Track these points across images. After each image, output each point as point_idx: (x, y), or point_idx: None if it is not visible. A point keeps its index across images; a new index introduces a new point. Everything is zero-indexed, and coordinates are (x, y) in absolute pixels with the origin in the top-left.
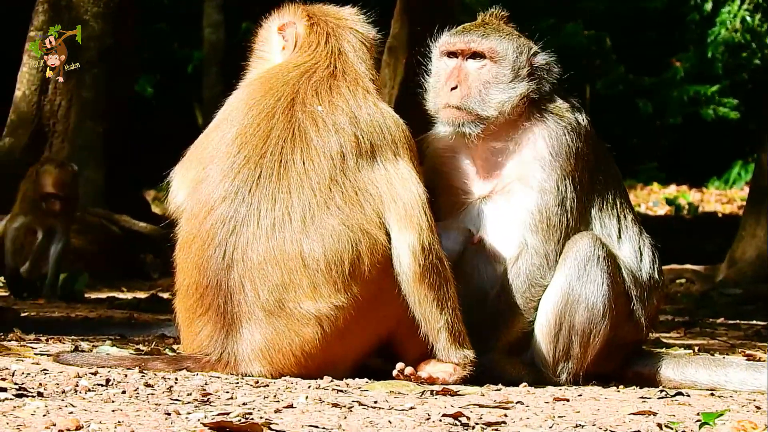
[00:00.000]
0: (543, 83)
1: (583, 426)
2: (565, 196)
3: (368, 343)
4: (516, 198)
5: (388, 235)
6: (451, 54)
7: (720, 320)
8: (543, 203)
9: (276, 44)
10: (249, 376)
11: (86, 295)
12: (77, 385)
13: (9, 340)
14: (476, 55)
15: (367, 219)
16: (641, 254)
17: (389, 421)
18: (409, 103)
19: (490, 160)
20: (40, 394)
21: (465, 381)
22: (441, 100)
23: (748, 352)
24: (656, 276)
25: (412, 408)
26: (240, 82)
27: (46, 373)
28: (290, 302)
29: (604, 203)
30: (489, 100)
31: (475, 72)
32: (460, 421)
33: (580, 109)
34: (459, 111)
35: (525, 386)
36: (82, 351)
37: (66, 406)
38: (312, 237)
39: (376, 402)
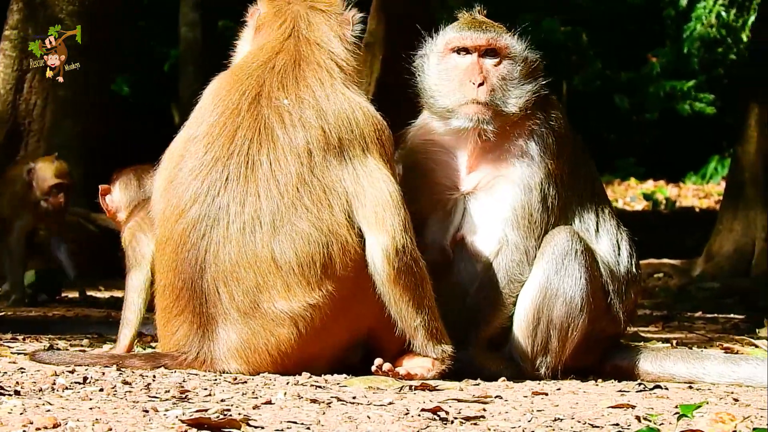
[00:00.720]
0: (540, 81)
1: (561, 420)
2: (548, 194)
3: (345, 340)
4: (500, 194)
5: (360, 235)
6: (463, 50)
7: (698, 314)
8: (527, 200)
9: (249, 29)
10: (227, 373)
11: (63, 294)
12: (54, 384)
13: None
14: (491, 51)
15: (336, 220)
16: (619, 248)
17: (368, 417)
18: (387, 99)
19: (479, 157)
20: (17, 393)
21: (444, 376)
22: (464, 96)
23: (725, 345)
24: (634, 270)
25: (390, 403)
26: (210, 65)
27: (23, 372)
28: (265, 303)
29: (582, 198)
30: (510, 97)
31: (493, 69)
32: (438, 415)
33: (560, 106)
34: (485, 107)
35: (504, 381)
36: (59, 349)
37: (43, 405)
38: (282, 240)
39: (354, 397)
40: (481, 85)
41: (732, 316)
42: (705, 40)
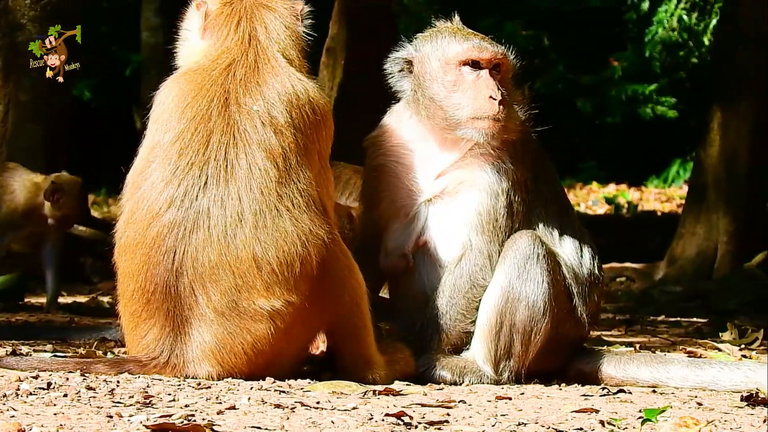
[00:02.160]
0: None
1: (525, 424)
2: (513, 199)
3: (311, 337)
4: (466, 199)
5: (330, 234)
6: (474, 63)
7: (661, 318)
8: (492, 204)
9: (195, 23)
10: (196, 377)
11: (27, 299)
12: (18, 389)
13: None
14: (496, 66)
15: (311, 218)
16: (581, 252)
17: (332, 422)
18: (348, 104)
19: (448, 162)
20: None
21: (408, 380)
22: (479, 110)
23: (689, 349)
24: (596, 273)
25: (354, 408)
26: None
27: None
28: (243, 302)
29: (545, 202)
30: (512, 113)
31: (499, 84)
32: (402, 420)
33: (524, 112)
34: (498, 123)
35: (467, 385)
36: (23, 355)
37: (7, 410)
38: (264, 241)
39: (318, 402)
40: (500, 102)
41: (695, 319)
42: (667, 43)
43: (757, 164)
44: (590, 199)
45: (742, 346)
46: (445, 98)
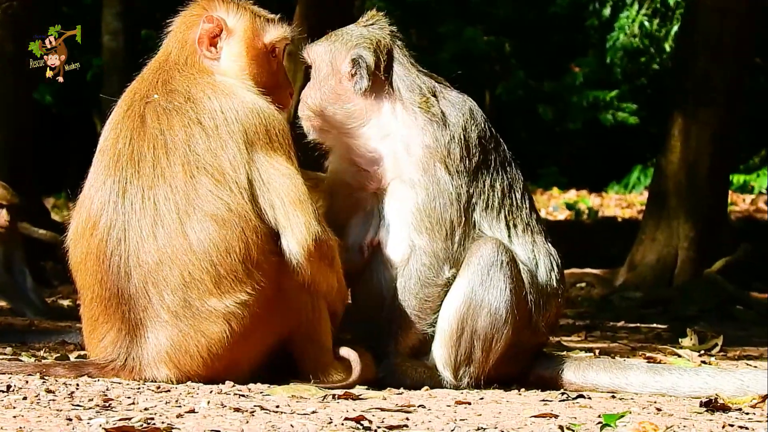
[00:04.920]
0: None
1: (485, 429)
2: (452, 193)
3: (270, 343)
4: (403, 197)
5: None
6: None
7: (621, 323)
8: (421, 201)
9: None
10: (153, 381)
11: None
12: None
13: None
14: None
15: (238, 201)
16: (541, 259)
17: (291, 426)
18: None
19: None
20: None
21: (367, 384)
22: None
23: (648, 354)
24: (557, 280)
25: (314, 412)
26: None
27: None
28: (196, 300)
29: (505, 207)
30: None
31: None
32: (362, 424)
33: (465, 109)
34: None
35: (427, 390)
36: None
37: None
38: (194, 226)
39: (278, 406)
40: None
41: (655, 325)
42: (628, 50)
43: (717, 171)
44: (551, 204)
45: (702, 352)
46: None
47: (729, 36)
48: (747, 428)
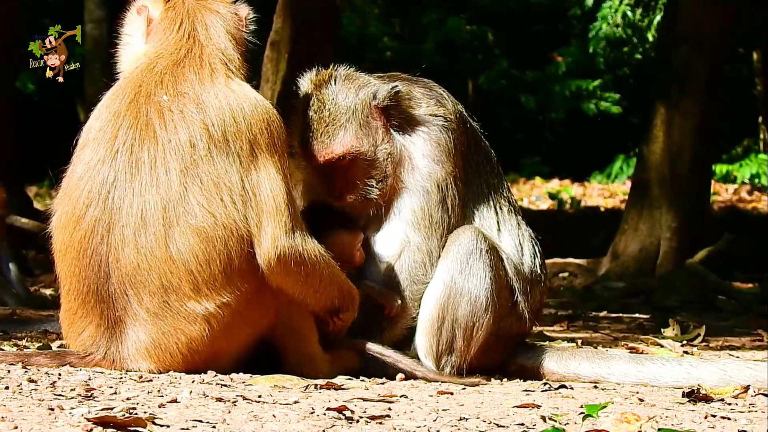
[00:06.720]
0: None
1: (467, 419)
2: (446, 194)
3: (251, 337)
4: (399, 197)
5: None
6: None
7: (603, 313)
8: (425, 201)
9: (137, 27)
10: (133, 371)
11: None
12: None
13: None
14: None
15: (229, 213)
16: (523, 247)
17: (273, 416)
18: (292, 98)
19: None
20: None
21: (350, 374)
22: None
23: (630, 345)
24: (539, 269)
25: (296, 402)
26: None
27: None
28: (175, 302)
29: (485, 197)
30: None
31: None
32: (344, 414)
33: (456, 103)
34: None
35: (408, 379)
36: None
37: None
38: (177, 238)
39: (260, 396)
40: None
41: (637, 315)
42: (611, 39)
43: (699, 161)
44: (533, 194)
45: (684, 342)
46: None
47: (710, 26)
48: (729, 418)
